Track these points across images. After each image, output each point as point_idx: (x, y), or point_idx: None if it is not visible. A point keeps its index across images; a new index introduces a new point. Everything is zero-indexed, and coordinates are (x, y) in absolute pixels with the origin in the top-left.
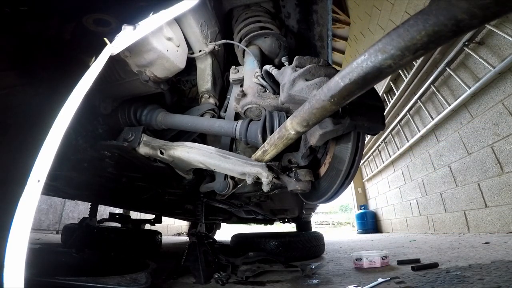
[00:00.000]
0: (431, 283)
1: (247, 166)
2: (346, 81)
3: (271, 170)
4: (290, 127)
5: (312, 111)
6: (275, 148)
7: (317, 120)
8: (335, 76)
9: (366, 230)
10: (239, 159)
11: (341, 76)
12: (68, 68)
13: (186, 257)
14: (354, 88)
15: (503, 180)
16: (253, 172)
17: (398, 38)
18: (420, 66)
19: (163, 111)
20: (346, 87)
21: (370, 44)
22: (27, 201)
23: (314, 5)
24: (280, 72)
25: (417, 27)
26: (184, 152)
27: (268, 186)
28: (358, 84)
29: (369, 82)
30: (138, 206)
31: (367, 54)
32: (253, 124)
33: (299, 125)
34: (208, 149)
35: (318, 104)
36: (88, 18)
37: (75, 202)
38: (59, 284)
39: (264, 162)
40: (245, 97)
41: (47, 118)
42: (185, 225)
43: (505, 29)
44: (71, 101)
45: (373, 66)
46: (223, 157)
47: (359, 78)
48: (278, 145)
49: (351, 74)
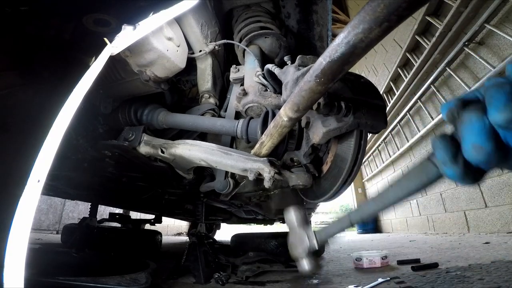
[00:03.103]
0: (431, 283)
1: (248, 162)
2: (327, 59)
3: (273, 165)
4: (283, 113)
5: (301, 94)
6: (271, 138)
7: (306, 104)
8: (320, 58)
9: (366, 230)
10: (240, 155)
11: (324, 56)
12: (68, 68)
13: (186, 257)
14: (335, 66)
15: (503, 180)
16: (255, 167)
17: (364, 13)
18: (420, 66)
19: (165, 111)
20: (328, 65)
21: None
22: (27, 201)
23: (314, 5)
24: (283, 71)
25: (377, 1)
26: (185, 150)
27: (270, 182)
28: (338, 61)
29: (348, 58)
30: (138, 206)
31: (343, 33)
32: (254, 121)
33: (290, 110)
34: (210, 146)
35: (305, 85)
36: (88, 18)
37: (75, 202)
38: (59, 284)
39: (266, 158)
40: (246, 96)
41: (47, 118)
42: (185, 225)
43: (505, 29)
44: (72, 101)
45: (347, 42)
46: (225, 153)
47: (339, 56)
48: (274, 134)
49: (331, 53)
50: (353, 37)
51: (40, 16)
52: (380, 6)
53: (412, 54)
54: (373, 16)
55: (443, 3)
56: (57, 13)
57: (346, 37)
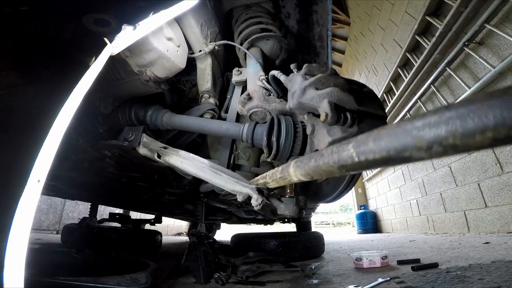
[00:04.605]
0: (431, 283)
1: (238, 185)
2: (362, 158)
3: (260, 193)
4: (293, 174)
5: (317, 171)
6: (277, 183)
7: (322, 177)
8: (349, 145)
9: (366, 230)
10: (230, 178)
11: (357, 151)
12: (68, 68)
13: (186, 257)
14: (369, 165)
15: (503, 180)
16: (244, 192)
17: (445, 126)
18: (420, 66)
19: (168, 112)
20: (360, 163)
21: (370, 44)
22: (27, 201)
23: (314, 5)
24: (289, 79)
25: (484, 121)
26: (178, 162)
27: (258, 207)
28: (375, 163)
29: (390, 164)
30: (138, 206)
31: (396, 131)
32: (259, 127)
33: (302, 176)
34: (201, 162)
35: (325, 167)
36: (88, 18)
37: (75, 202)
38: (59, 284)
39: (255, 185)
40: (251, 101)
41: (47, 118)
42: (185, 225)
43: (505, 29)
44: (71, 101)
45: (398, 152)
46: (215, 173)
47: (378, 159)
48: (280, 182)
49: (369, 153)
50: (411, 151)
51: (40, 16)
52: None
53: (412, 54)
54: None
55: (443, 3)
56: (57, 13)
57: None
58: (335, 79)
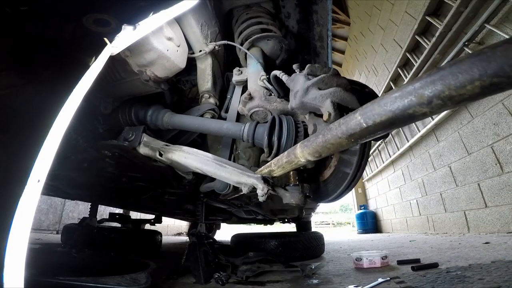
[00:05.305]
0: (431, 283)
1: (243, 176)
2: (370, 123)
3: (266, 182)
4: (300, 155)
5: (326, 145)
6: (282, 170)
7: (330, 153)
8: (356, 113)
9: (366, 230)
10: (235, 169)
11: (365, 117)
12: (68, 68)
13: (186, 257)
14: (377, 129)
15: (503, 180)
16: (249, 182)
17: (440, 82)
18: (420, 66)
19: (169, 112)
20: (368, 128)
21: (370, 44)
22: (27, 201)
23: (314, 5)
24: (291, 79)
25: (470, 74)
26: (181, 157)
27: (264, 198)
28: (382, 126)
29: (397, 125)
30: (138, 206)
31: (399, 94)
32: (260, 127)
33: (310, 155)
34: (205, 156)
35: (333, 140)
36: (88, 18)
37: (75, 202)
38: (59, 284)
39: (260, 175)
40: (252, 101)
41: (47, 118)
42: (185, 225)
43: (505, 29)
44: (71, 101)
45: (403, 110)
46: (220, 165)
47: (385, 121)
48: (286, 168)
49: (376, 117)
50: (415, 107)
51: (40, 16)
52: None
53: (412, 54)
54: (455, 92)
55: (443, 3)
56: (57, 13)
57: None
58: (337, 80)
